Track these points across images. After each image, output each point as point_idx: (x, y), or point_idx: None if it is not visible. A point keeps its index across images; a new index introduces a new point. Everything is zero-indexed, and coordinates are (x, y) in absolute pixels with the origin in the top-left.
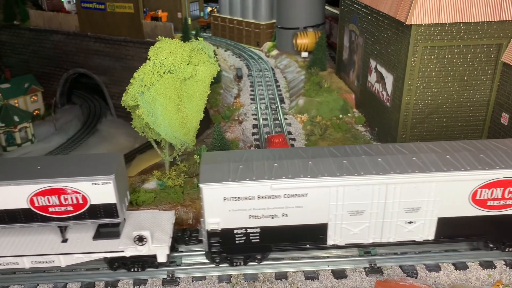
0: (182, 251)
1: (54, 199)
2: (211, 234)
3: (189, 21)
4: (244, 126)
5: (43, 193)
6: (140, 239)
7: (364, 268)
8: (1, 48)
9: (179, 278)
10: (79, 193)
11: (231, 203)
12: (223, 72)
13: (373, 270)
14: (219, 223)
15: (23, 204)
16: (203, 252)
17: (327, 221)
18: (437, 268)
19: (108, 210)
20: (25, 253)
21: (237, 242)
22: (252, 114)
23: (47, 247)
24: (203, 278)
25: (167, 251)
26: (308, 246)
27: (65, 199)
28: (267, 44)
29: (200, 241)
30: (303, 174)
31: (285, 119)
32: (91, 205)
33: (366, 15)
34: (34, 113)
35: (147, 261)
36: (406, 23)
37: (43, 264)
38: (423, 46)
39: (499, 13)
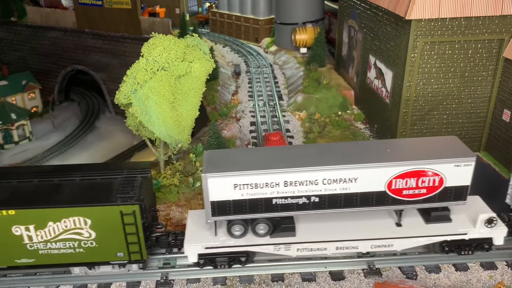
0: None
1: (411, 182)
2: None
3: (187, 17)
4: (241, 124)
5: (403, 175)
6: (490, 221)
7: (363, 270)
8: None
9: (173, 280)
10: (438, 175)
11: None
12: (221, 69)
13: (371, 271)
14: None
15: (380, 187)
16: None
17: None
18: (437, 269)
19: (458, 192)
20: (363, 237)
21: None
22: (250, 111)
23: (386, 231)
24: (198, 280)
25: (505, 234)
26: None
27: (423, 182)
28: (266, 40)
29: None
30: None
31: (284, 116)
32: (445, 188)
33: (365, 10)
34: (32, 111)
35: (478, 245)
36: (406, 18)
37: (381, 248)
38: (423, 41)
39: (501, 7)
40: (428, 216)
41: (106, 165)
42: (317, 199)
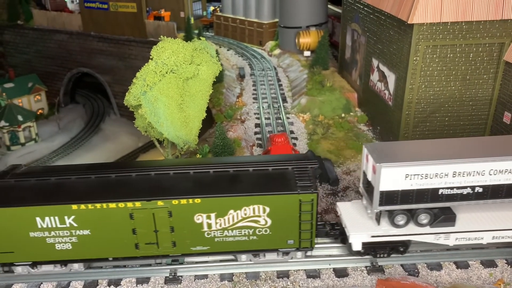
0: None
1: None
2: None
3: (192, 21)
4: (246, 125)
5: None
6: None
7: (366, 267)
8: (5, 47)
9: (181, 276)
10: None
11: None
12: (226, 72)
13: (374, 268)
14: None
15: None
16: None
17: None
18: (438, 267)
19: None
20: (488, 228)
21: None
22: (255, 113)
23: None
24: (205, 276)
25: None
26: None
27: None
28: (270, 43)
29: None
30: None
31: (288, 118)
32: None
33: (369, 14)
34: (38, 113)
35: None
36: (408, 22)
37: (504, 239)
38: (425, 45)
39: (502, 12)
40: None
41: (271, 157)
42: (481, 190)
